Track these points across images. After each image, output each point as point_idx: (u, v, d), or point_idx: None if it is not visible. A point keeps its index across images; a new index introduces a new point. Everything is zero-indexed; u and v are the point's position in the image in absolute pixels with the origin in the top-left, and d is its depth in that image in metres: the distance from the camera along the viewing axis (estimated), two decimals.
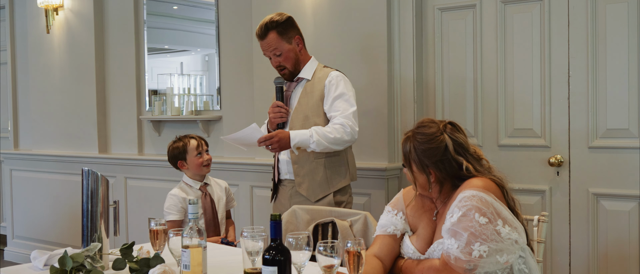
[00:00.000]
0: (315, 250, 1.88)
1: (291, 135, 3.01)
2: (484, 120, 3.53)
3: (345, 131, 3.02)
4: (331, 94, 3.08)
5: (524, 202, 3.38)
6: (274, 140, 2.99)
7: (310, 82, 3.16)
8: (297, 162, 3.13)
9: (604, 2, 3.17)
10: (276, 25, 3.12)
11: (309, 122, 3.10)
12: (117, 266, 2.19)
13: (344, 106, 3.06)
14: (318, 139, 2.98)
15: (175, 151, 3.37)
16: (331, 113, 3.08)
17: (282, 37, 3.13)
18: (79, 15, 5.31)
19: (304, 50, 3.21)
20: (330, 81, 3.10)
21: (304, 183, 3.13)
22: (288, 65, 3.16)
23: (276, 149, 3.03)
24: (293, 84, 3.21)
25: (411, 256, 2.18)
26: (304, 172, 3.13)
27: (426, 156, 2.14)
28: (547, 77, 3.32)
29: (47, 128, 5.67)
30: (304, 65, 3.20)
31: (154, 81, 5.08)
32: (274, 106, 3.16)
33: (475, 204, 2.00)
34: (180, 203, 3.28)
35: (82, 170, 2.33)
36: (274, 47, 3.13)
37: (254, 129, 3.02)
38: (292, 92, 3.20)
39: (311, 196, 3.12)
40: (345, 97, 3.07)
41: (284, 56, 3.14)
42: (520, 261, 2.05)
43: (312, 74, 3.18)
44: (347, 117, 3.04)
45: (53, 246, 5.34)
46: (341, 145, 3.06)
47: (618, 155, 3.18)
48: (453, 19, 3.60)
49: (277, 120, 3.15)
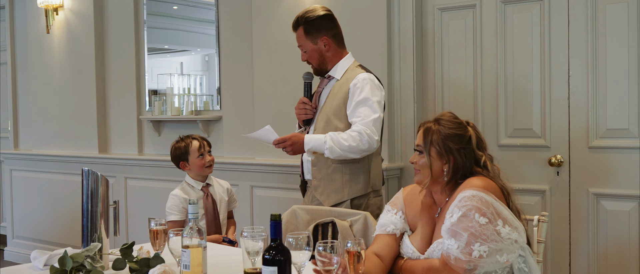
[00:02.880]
0: (315, 250, 1.88)
1: (305, 139, 2.90)
2: (484, 120, 3.53)
3: (362, 140, 2.85)
4: (355, 98, 2.91)
5: (524, 203, 3.38)
6: (287, 143, 2.91)
7: (338, 82, 3.01)
8: (315, 165, 3.02)
9: (604, 2, 3.17)
10: (304, 22, 3.01)
11: (330, 125, 2.96)
12: (117, 266, 2.19)
13: (366, 112, 2.88)
14: (331, 145, 2.85)
15: (177, 152, 3.36)
16: (352, 119, 2.91)
17: (307, 35, 3.02)
18: (79, 15, 5.31)
19: (335, 49, 3.04)
20: (356, 83, 2.92)
21: (320, 187, 3.01)
22: (313, 63, 3.06)
23: (290, 152, 2.93)
24: (324, 81, 3.09)
25: (411, 256, 2.18)
26: (321, 176, 3.00)
27: (452, 140, 2.14)
28: (547, 77, 3.32)
29: (47, 128, 5.67)
30: (335, 62, 3.05)
31: (154, 81, 5.08)
32: (300, 102, 3.07)
33: (475, 204, 2.00)
34: (182, 203, 3.27)
35: (82, 170, 2.33)
36: (300, 43, 3.05)
37: (268, 131, 2.93)
38: (323, 90, 3.08)
39: (325, 201, 2.98)
40: (368, 102, 2.89)
41: (308, 54, 3.05)
42: (520, 260, 2.05)
43: (342, 73, 3.02)
44: (366, 125, 2.86)
45: (53, 246, 5.34)
46: (357, 154, 2.88)
47: (618, 155, 3.18)
48: (453, 19, 3.60)
49: (302, 116, 3.05)
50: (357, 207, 2.99)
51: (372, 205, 3.04)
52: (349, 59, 3.08)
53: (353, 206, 2.98)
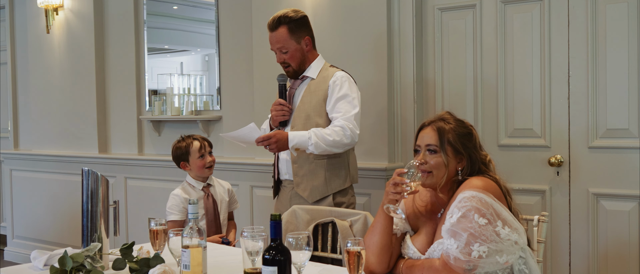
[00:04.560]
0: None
1: (289, 136, 2.96)
2: (484, 120, 3.53)
3: (345, 134, 2.96)
4: (334, 94, 3.02)
5: (524, 203, 3.38)
6: (272, 141, 2.95)
7: (314, 81, 3.10)
8: (296, 162, 3.10)
9: (604, 2, 3.17)
10: (289, 21, 3.06)
11: (310, 122, 3.05)
12: (117, 266, 2.19)
13: (346, 108, 3.00)
14: (316, 141, 2.93)
15: (178, 152, 3.36)
16: (333, 114, 3.02)
17: (291, 35, 3.06)
18: (79, 15, 5.31)
19: (312, 49, 3.14)
20: (335, 81, 3.04)
21: (302, 184, 3.09)
22: (293, 64, 3.10)
23: (274, 150, 2.99)
24: (297, 82, 3.16)
25: (412, 256, 2.18)
26: (303, 172, 3.09)
27: (467, 139, 2.14)
28: (547, 77, 3.32)
29: (47, 128, 5.67)
30: (310, 63, 3.14)
31: (154, 81, 5.08)
32: (276, 103, 3.12)
33: (475, 205, 2.00)
34: (182, 203, 3.27)
35: (82, 170, 2.33)
36: (281, 44, 3.07)
37: (252, 129, 2.99)
38: (296, 90, 3.15)
39: (309, 197, 3.07)
40: (348, 98, 3.01)
41: (289, 54, 3.08)
42: (521, 261, 2.05)
43: (317, 73, 3.12)
44: (348, 120, 2.98)
45: (53, 246, 5.34)
46: (340, 148, 3.00)
47: (618, 155, 3.18)
48: (453, 19, 3.60)
49: (279, 118, 3.12)
50: (338, 205, 3.09)
51: (352, 199, 3.19)
52: (321, 60, 3.19)
53: (335, 203, 3.08)
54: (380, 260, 2.17)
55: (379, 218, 2.18)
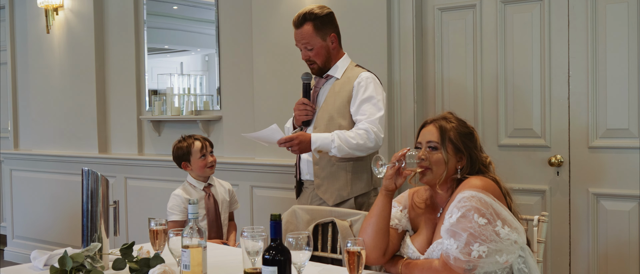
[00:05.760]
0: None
1: (312, 138, 2.89)
2: (484, 120, 3.53)
3: (369, 138, 2.87)
4: (359, 96, 2.93)
5: (524, 203, 3.38)
6: (294, 142, 2.88)
7: (339, 81, 3.02)
8: (318, 164, 3.02)
9: (604, 2, 3.17)
10: (314, 18, 2.99)
11: (333, 123, 2.97)
12: (117, 266, 2.19)
13: (371, 110, 2.91)
14: (340, 144, 2.85)
15: (179, 152, 3.36)
16: (357, 116, 2.93)
17: (317, 31, 3.00)
18: (79, 15, 5.31)
19: (338, 47, 3.07)
20: (360, 82, 2.95)
21: (323, 186, 3.01)
22: (318, 61, 3.03)
23: (296, 152, 2.92)
24: (321, 81, 3.08)
25: (411, 256, 2.19)
26: (324, 174, 3.01)
27: (468, 139, 2.16)
28: (547, 77, 3.32)
29: (47, 128, 5.67)
30: (335, 62, 3.06)
31: (154, 81, 5.08)
32: (300, 102, 3.05)
33: (475, 205, 2.00)
34: (183, 204, 3.27)
35: (82, 170, 2.33)
36: (306, 40, 3.00)
37: (274, 130, 2.92)
38: (320, 90, 3.08)
39: (329, 200, 2.99)
40: (373, 100, 2.92)
41: (315, 51, 3.01)
42: (520, 260, 2.05)
43: (342, 73, 3.04)
44: (373, 123, 2.89)
45: (53, 246, 5.34)
46: (364, 152, 2.91)
47: (618, 155, 3.18)
48: (453, 19, 3.60)
49: (302, 118, 3.04)
50: (360, 205, 3.00)
51: (374, 200, 3.04)
52: (347, 59, 3.11)
53: (356, 204, 2.99)
54: (375, 244, 2.16)
55: (377, 200, 2.20)
